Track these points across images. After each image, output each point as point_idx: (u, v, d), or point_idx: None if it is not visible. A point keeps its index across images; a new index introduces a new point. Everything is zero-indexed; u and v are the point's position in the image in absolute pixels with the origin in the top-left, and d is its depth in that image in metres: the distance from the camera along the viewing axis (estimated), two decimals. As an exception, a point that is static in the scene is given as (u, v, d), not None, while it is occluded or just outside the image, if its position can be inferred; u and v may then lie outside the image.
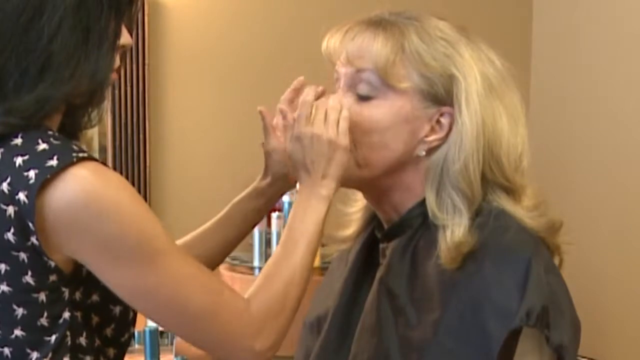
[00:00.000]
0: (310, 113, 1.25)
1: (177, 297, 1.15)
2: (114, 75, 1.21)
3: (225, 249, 1.46)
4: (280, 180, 1.40)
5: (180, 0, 3.17)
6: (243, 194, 1.45)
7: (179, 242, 1.41)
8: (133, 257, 1.12)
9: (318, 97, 1.28)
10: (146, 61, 3.07)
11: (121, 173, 2.96)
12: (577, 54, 3.42)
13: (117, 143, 3.05)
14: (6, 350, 1.15)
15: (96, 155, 2.89)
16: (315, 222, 1.26)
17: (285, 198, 2.95)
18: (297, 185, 1.33)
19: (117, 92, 3.02)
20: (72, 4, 1.14)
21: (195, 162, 3.24)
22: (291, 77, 3.83)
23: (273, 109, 3.71)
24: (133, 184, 2.97)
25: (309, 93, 1.26)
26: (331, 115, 1.24)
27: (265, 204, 1.43)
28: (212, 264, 1.44)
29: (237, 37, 3.25)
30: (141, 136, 3.07)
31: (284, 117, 1.31)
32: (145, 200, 3.00)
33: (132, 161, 3.06)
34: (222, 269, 3.00)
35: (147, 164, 3.08)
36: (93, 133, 2.92)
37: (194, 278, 1.16)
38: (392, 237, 1.33)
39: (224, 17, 3.24)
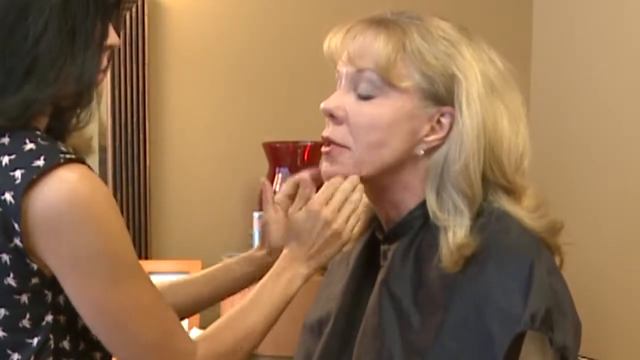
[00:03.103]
0: (331, 195, 1.29)
1: (131, 325, 1.15)
2: (102, 76, 1.21)
3: (207, 302, 1.47)
4: (278, 251, 1.38)
5: (180, 0, 3.17)
6: (237, 257, 1.46)
7: (164, 283, 1.43)
8: (102, 275, 1.12)
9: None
10: (146, 61, 3.06)
11: (121, 173, 2.95)
12: (577, 54, 3.41)
13: (117, 143, 3.03)
14: None
15: (96, 155, 2.89)
16: (283, 297, 1.29)
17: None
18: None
19: (117, 92, 3.00)
20: (57, 6, 1.13)
21: (195, 162, 3.23)
22: (291, 77, 3.84)
23: (273, 107, 3.69)
24: (133, 184, 2.98)
25: (338, 179, 1.30)
26: (346, 208, 1.29)
27: (255, 273, 1.43)
28: (187, 313, 1.44)
29: (237, 37, 3.24)
30: (141, 136, 3.06)
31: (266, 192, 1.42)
32: (145, 200, 3.00)
33: (132, 161, 3.05)
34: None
35: (147, 164, 3.07)
36: (93, 133, 2.90)
37: (152, 311, 1.17)
38: (393, 238, 1.33)
39: (224, 17, 3.24)
